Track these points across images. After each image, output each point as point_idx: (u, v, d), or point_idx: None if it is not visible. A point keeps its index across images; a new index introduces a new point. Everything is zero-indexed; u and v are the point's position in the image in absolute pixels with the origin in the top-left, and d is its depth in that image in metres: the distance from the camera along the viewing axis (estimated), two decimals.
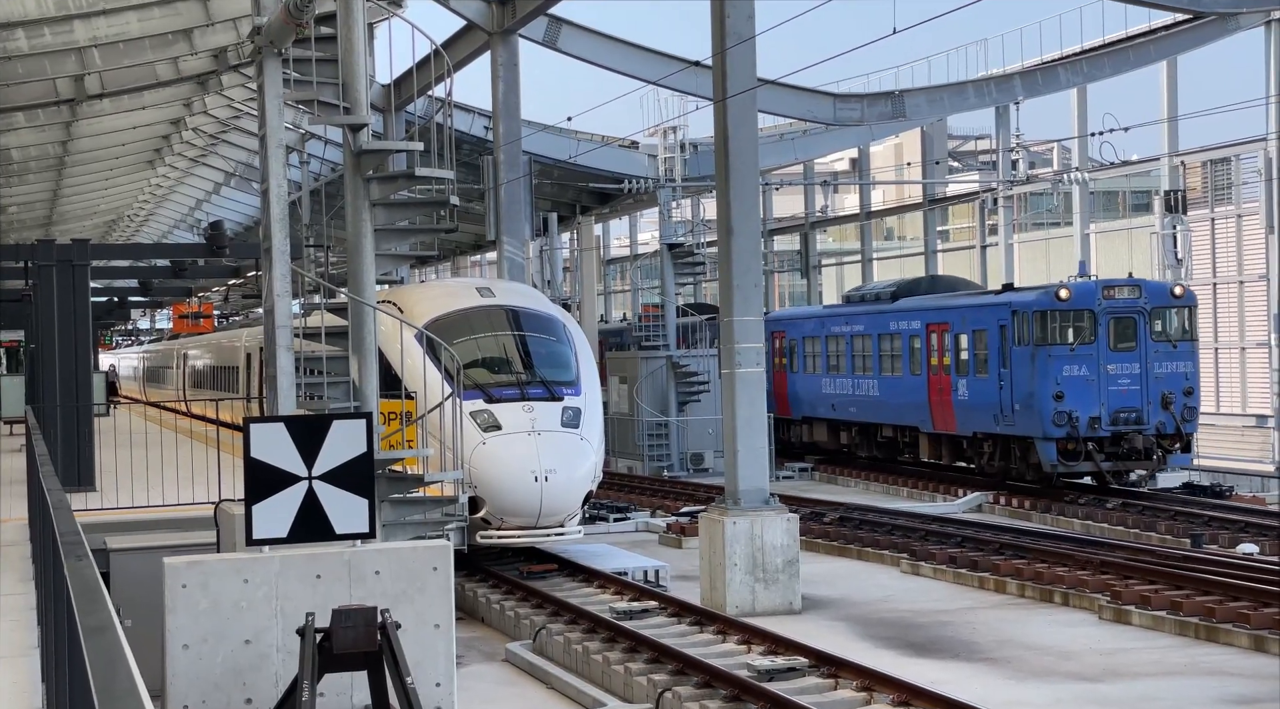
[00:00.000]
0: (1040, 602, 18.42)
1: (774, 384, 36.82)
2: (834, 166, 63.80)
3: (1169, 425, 26.86)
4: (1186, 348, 27.42)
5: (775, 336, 37.79)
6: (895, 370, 32.32)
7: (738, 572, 17.83)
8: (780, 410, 37.19)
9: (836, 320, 35.27)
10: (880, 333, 33.00)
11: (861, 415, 34.13)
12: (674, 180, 36.53)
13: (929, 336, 30.93)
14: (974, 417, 29.10)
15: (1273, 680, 13.75)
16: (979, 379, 28.79)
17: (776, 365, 37.70)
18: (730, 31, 18.43)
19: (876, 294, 34.64)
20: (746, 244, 18.57)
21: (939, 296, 32.13)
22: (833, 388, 35.17)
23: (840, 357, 34.88)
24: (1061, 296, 27.06)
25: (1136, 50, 36.83)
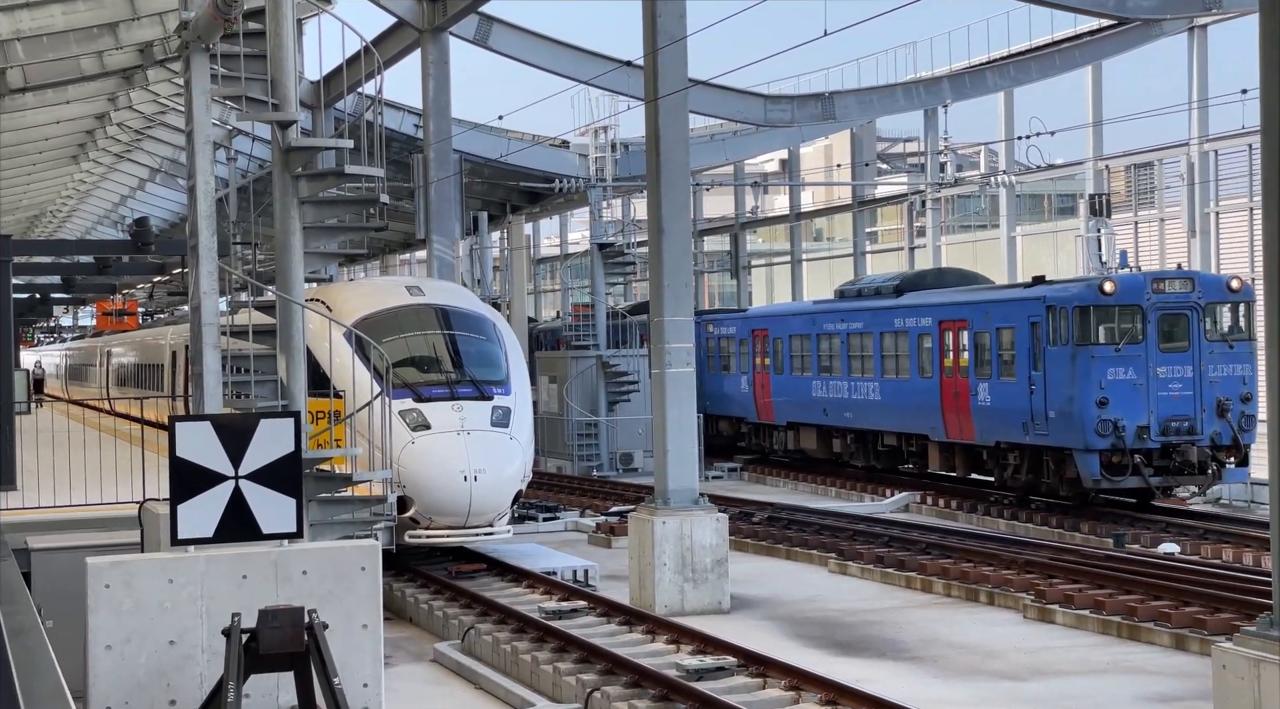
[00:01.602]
0: (966, 601, 18.60)
1: (755, 387, 35.54)
2: (764, 167, 64.06)
3: (1225, 435, 23.94)
4: (1244, 348, 24.43)
5: (757, 335, 35.75)
6: (901, 372, 29.47)
7: (667, 571, 17.86)
8: (763, 415, 35.35)
9: (830, 317, 32.49)
10: (883, 331, 30.15)
11: (859, 421, 31.32)
12: (605, 180, 36.52)
13: (942, 335, 28.08)
14: (997, 424, 26.17)
15: (1193, 679, 13.95)
16: (1004, 383, 25.89)
17: (758, 367, 35.64)
18: (662, 32, 18.45)
19: (877, 288, 31.76)
20: (677, 244, 18.61)
21: (953, 291, 29.21)
22: (825, 391, 32.45)
23: (834, 357, 32.17)
24: (1106, 290, 24.07)
25: (1062, 55, 37.26)
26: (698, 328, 38.40)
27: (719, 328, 37.77)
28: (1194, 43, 34.51)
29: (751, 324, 36.19)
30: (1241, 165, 33.59)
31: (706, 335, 37.83)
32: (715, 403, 37.36)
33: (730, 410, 37.08)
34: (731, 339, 37.00)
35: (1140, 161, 37.65)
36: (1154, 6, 28.16)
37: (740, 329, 36.60)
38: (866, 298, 31.68)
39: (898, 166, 61.92)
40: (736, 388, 36.50)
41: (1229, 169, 34.47)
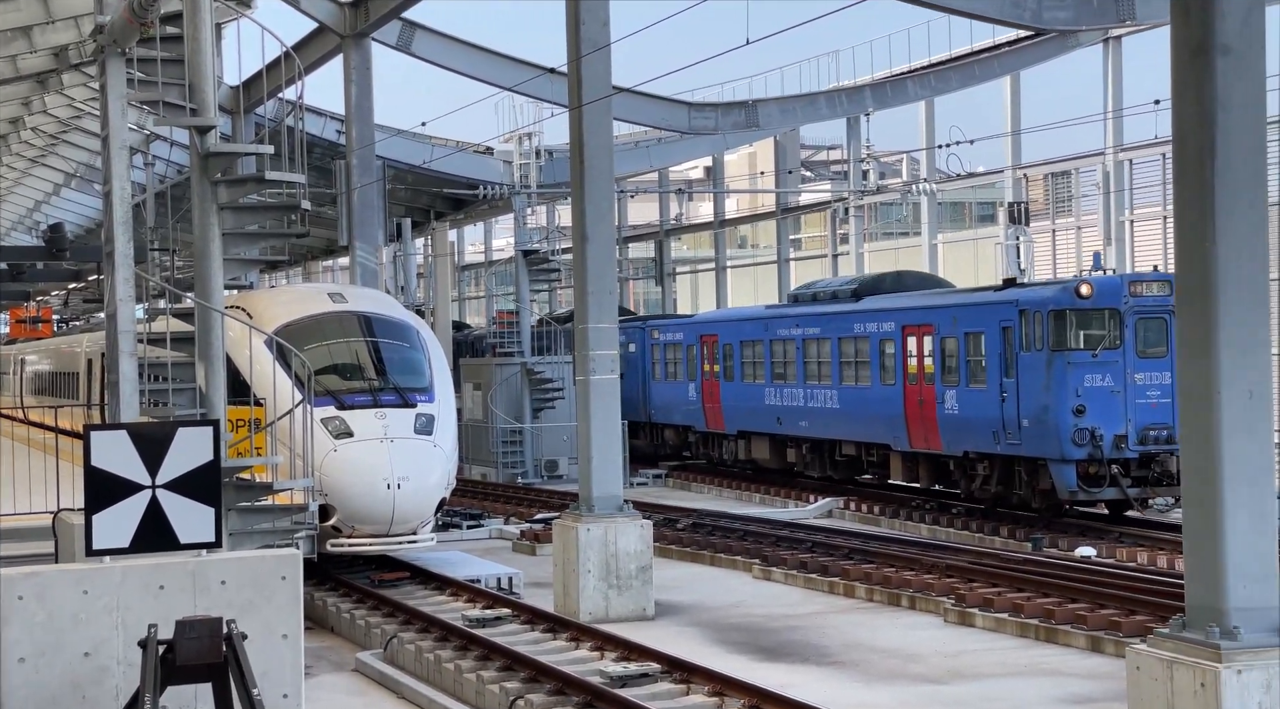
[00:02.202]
0: (888, 605, 18.74)
1: (704, 395, 34.54)
2: (689, 174, 64.23)
3: None
4: None
5: (705, 341, 34.64)
6: (861, 379, 28.34)
7: (591, 578, 17.85)
8: (712, 424, 34.32)
9: (784, 322, 31.24)
10: (842, 336, 29.02)
11: (815, 430, 30.18)
12: (529, 187, 36.49)
13: (906, 340, 26.97)
14: (966, 434, 25.19)
15: (1108, 680, 14.15)
16: (973, 390, 24.87)
17: (707, 374, 34.50)
18: (585, 39, 18.47)
19: (834, 292, 30.61)
20: (601, 251, 18.62)
21: (916, 294, 28.18)
22: (779, 399, 31.29)
23: (789, 364, 30.92)
24: (1083, 293, 23.14)
25: (982, 65, 37.72)
26: (642, 334, 37.72)
27: (665, 334, 36.91)
28: (1109, 54, 35.06)
29: (700, 330, 35.25)
30: (1155, 174, 34.15)
31: (652, 342, 37.30)
32: (661, 411, 36.93)
33: (677, 419, 36.32)
34: (678, 345, 36.09)
35: (1058, 170, 38.18)
36: (1070, 18, 28.58)
37: (688, 335, 35.72)
38: (823, 302, 30.69)
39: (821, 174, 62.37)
40: (684, 395, 35.62)
41: (1143, 178, 35.04)
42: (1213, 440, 9.91)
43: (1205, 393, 9.96)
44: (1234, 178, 9.88)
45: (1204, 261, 9.95)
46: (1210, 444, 9.93)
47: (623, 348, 37.84)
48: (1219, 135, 9.86)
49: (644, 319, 40.40)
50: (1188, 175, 10.10)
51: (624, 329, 38.55)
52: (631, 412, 37.61)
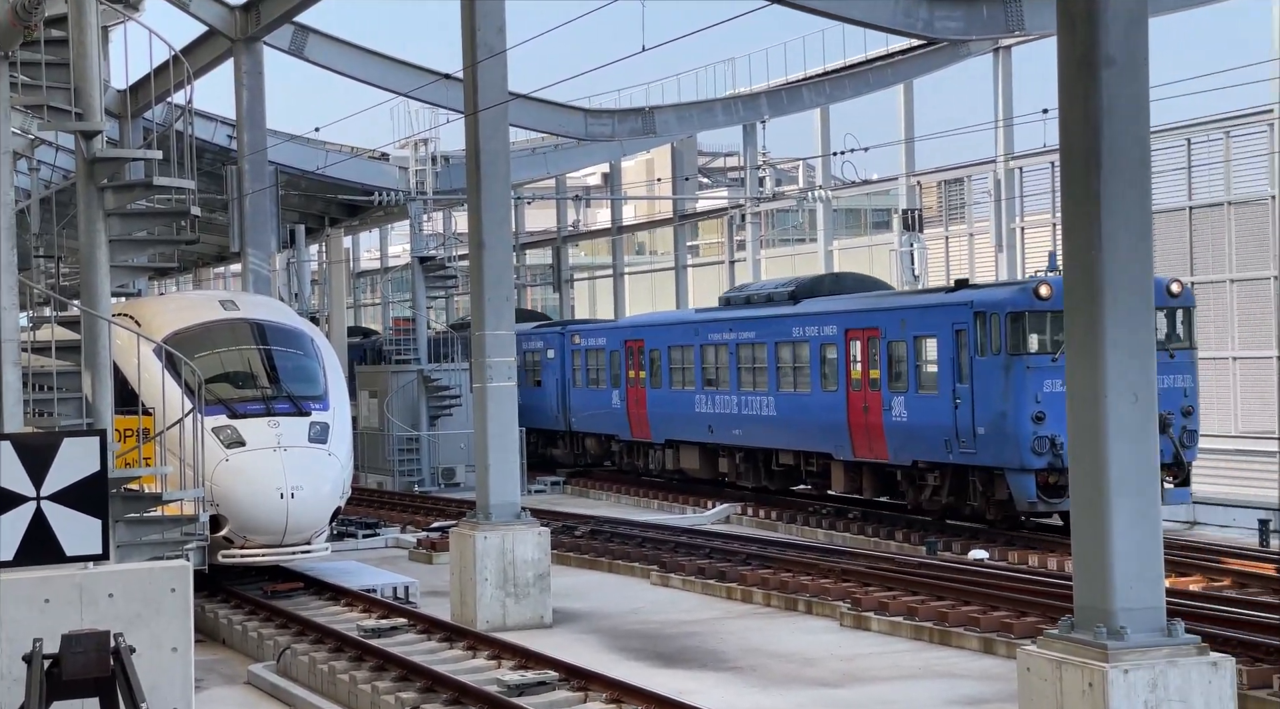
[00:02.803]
0: (785, 610, 18.85)
1: (629, 403, 33.32)
2: (586, 181, 64.30)
3: (1166, 452, 21.25)
4: (1185, 358, 22.51)
5: (630, 347, 33.45)
6: (800, 386, 27.22)
7: (488, 586, 17.76)
8: (637, 433, 33.21)
9: (716, 327, 30.00)
10: (779, 340, 27.85)
11: (749, 439, 28.95)
12: (425, 193, 36.29)
13: (849, 344, 25.82)
14: (915, 442, 24.12)
15: (1000, 681, 14.34)
16: (923, 397, 23.79)
17: (632, 380, 33.14)
18: (481, 44, 18.40)
19: (769, 295, 29.30)
20: (498, 258, 18.56)
21: (860, 296, 27.06)
22: (710, 406, 30.00)
23: (721, 370, 29.69)
24: (1042, 294, 21.89)
25: (875, 73, 38.13)
26: (561, 339, 36.81)
27: (587, 339, 35.81)
28: (999, 63, 35.62)
29: (624, 335, 34.05)
30: (1044, 182, 34.75)
31: (572, 347, 36.30)
32: (582, 419, 35.93)
33: (599, 427, 35.25)
34: (601, 351, 34.95)
35: (950, 178, 38.71)
36: (960, 28, 28.96)
37: (611, 340, 34.60)
38: (757, 305, 29.42)
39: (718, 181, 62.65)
40: (607, 403, 34.51)
41: (1033, 186, 35.65)
42: (1099, 443, 10.08)
43: (1092, 396, 10.14)
44: (1119, 185, 10.07)
45: (1090, 267, 10.12)
46: (1097, 447, 10.10)
47: (540, 354, 37.35)
48: (1104, 144, 10.04)
49: (563, 324, 39.43)
50: (1075, 183, 10.28)
51: (542, 335, 37.75)
52: (550, 420, 37.05)
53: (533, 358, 37.99)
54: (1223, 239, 30.54)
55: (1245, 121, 30.28)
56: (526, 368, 37.77)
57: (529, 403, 38.23)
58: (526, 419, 38.32)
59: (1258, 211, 30.16)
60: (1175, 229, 31.18)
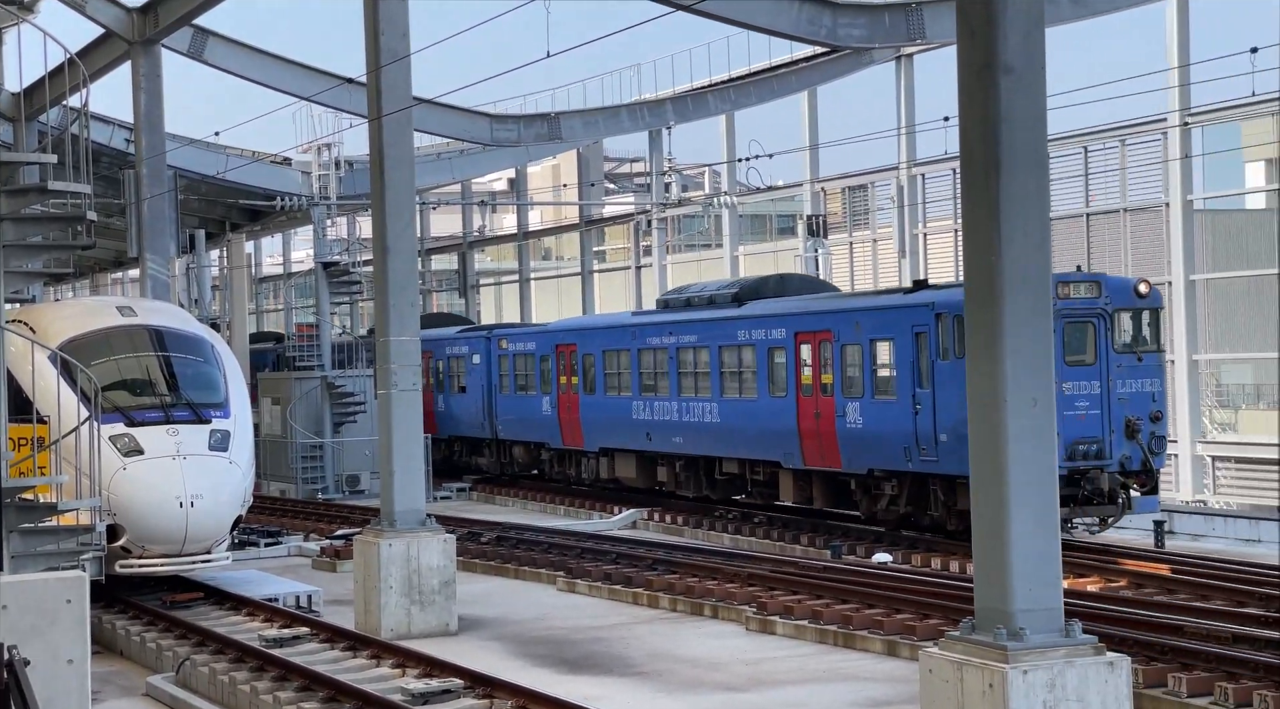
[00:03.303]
0: (691, 615, 18.89)
1: (560, 410, 32.13)
2: (492, 186, 64.09)
3: (1135, 460, 20.98)
4: (1153, 361, 21.56)
5: (562, 352, 32.23)
6: (746, 391, 26.12)
7: (393, 594, 17.63)
8: (569, 440, 31.94)
9: (655, 331, 28.87)
10: (723, 345, 26.77)
11: (691, 447, 27.91)
12: (329, 198, 35.97)
13: (799, 348, 24.83)
14: (870, 450, 23.19)
15: (903, 683, 14.46)
16: (880, 402, 22.85)
17: (564, 387, 31.99)
18: (385, 49, 18.27)
19: (710, 297, 28.19)
20: (403, 263, 18.44)
21: (810, 298, 26.05)
22: (649, 413, 28.87)
23: (661, 375, 28.57)
24: None
25: (780, 80, 38.40)
26: (487, 344, 35.66)
27: (515, 344, 34.63)
28: (901, 71, 36.04)
29: (556, 339, 32.72)
30: (946, 188, 35.20)
31: (499, 352, 35.14)
32: (510, 427, 34.77)
33: (528, 435, 34.08)
34: (530, 356, 33.70)
35: (854, 184, 39.09)
36: (864, 36, 29.25)
37: (541, 345, 33.33)
38: (699, 308, 28.22)
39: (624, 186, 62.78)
40: (536, 410, 33.19)
41: (935, 192, 36.10)
42: (999, 446, 10.21)
43: (993, 400, 10.26)
44: (1018, 192, 10.21)
45: (990, 273, 10.25)
46: (997, 450, 10.23)
47: (465, 359, 36.44)
48: (1003, 151, 10.18)
49: (489, 328, 38.16)
50: (975, 189, 10.40)
51: (467, 339, 36.79)
52: (475, 427, 36.00)
53: (457, 363, 36.95)
54: (1119, 245, 31.11)
55: (1140, 130, 30.88)
56: (450, 374, 37.02)
57: (453, 410, 37.13)
58: (450, 427, 37.39)
59: (1153, 218, 30.77)
60: (1073, 235, 31.70)
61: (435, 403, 37.33)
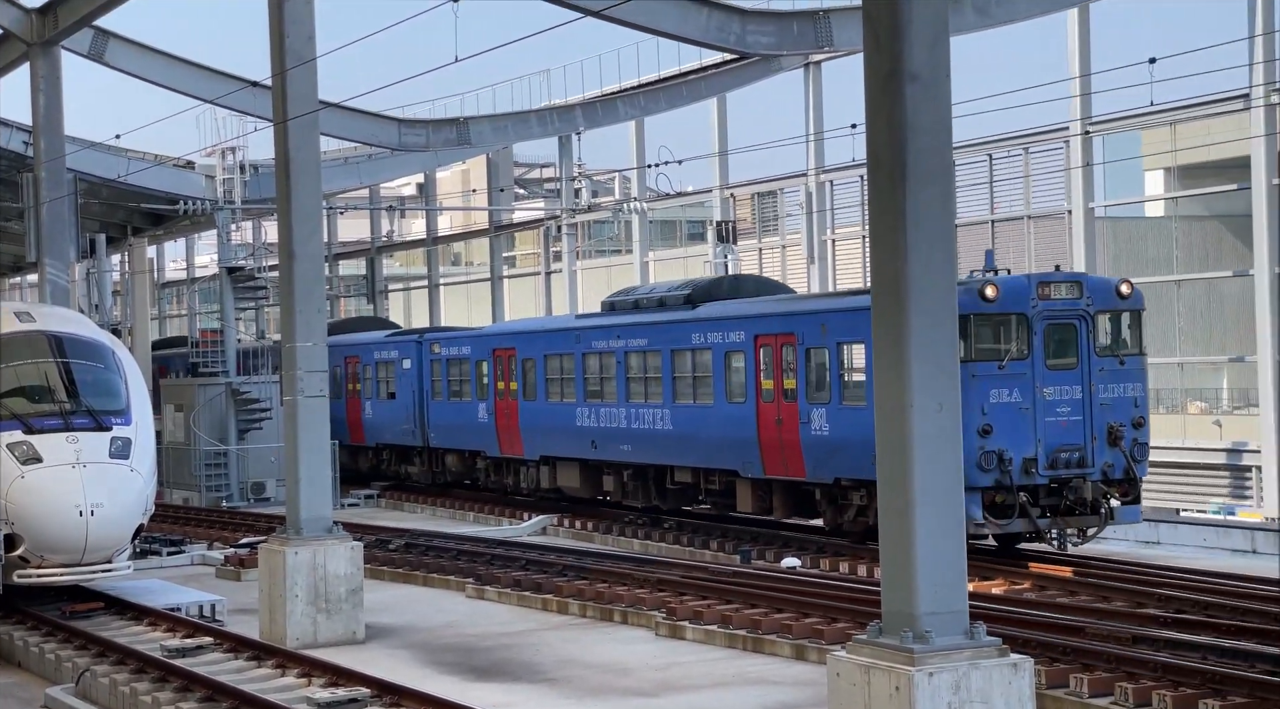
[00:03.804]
0: (601, 620, 18.86)
1: (497, 416, 30.96)
2: (400, 191, 63.68)
3: (1117, 467, 20.37)
4: (1135, 364, 20.92)
5: (499, 356, 31.06)
6: (702, 397, 25.11)
7: (299, 603, 17.43)
8: (507, 449, 30.71)
9: (601, 334, 27.72)
10: (676, 348, 25.72)
11: (640, 455, 26.77)
12: (233, 202, 35.53)
13: (759, 352, 23.77)
14: (837, 458, 22.22)
15: (812, 687, 14.52)
16: (849, 408, 21.89)
17: (501, 392, 30.78)
18: (290, 52, 18.07)
19: (660, 299, 26.99)
20: (309, 269, 18.26)
21: (770, 300, 25.02)
22: (594, 420, 27.74)
23: (608, 380, 27.48)
24: (988, 296, 19.93)
25: (689, 86, 38.50)
26: (418, 348, 34.45)
27: (448, 348, 33.40)
28: (809, 78, 36.28)
29: (492, 343, 31.49)
30: (854, 195, 35.48)
31: (431, 357, 33.93)
32: (442, 434, 33.65)
33: (463, 443, 32.89)
34: (465, 361, 32.58)
35: (763, 190, 39.30)
36: (772, 43, 29.39)
37: (477, 349, 32.15)
38: (648, 310, 27.05)
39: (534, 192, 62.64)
40: (472, 417, 32.06)
41: (843, 198, 36.39)
42: (905, 451, 10.28)
43: (899, 405, 10.33)
44: (924, 199, 10.28)
45: (896, 279, 10.32)
46: (903, 455, 10.30)
47: (395, 364, 35.54)
48: (909, 158, 10.25)
49: (420, 331, 37.05)
50: (881, 196, 10.47)
51: (396, 343, 35.79)
52: (405, 435, 34.93)
53: (386, 368, 35.95)
54: (1024, 251, 31.53)
55: (1043, 138, 31.33)
56: (379, 379, 36.15)
57: (382, 417, 36.06)
58: (379, 434, 36.52)
59: (1056, 225, 31.22)
60: (978, 241, 32.09)
61: (363, 410, 36.66)
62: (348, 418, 37.14)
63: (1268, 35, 27.19)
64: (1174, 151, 30.24)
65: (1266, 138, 27.19)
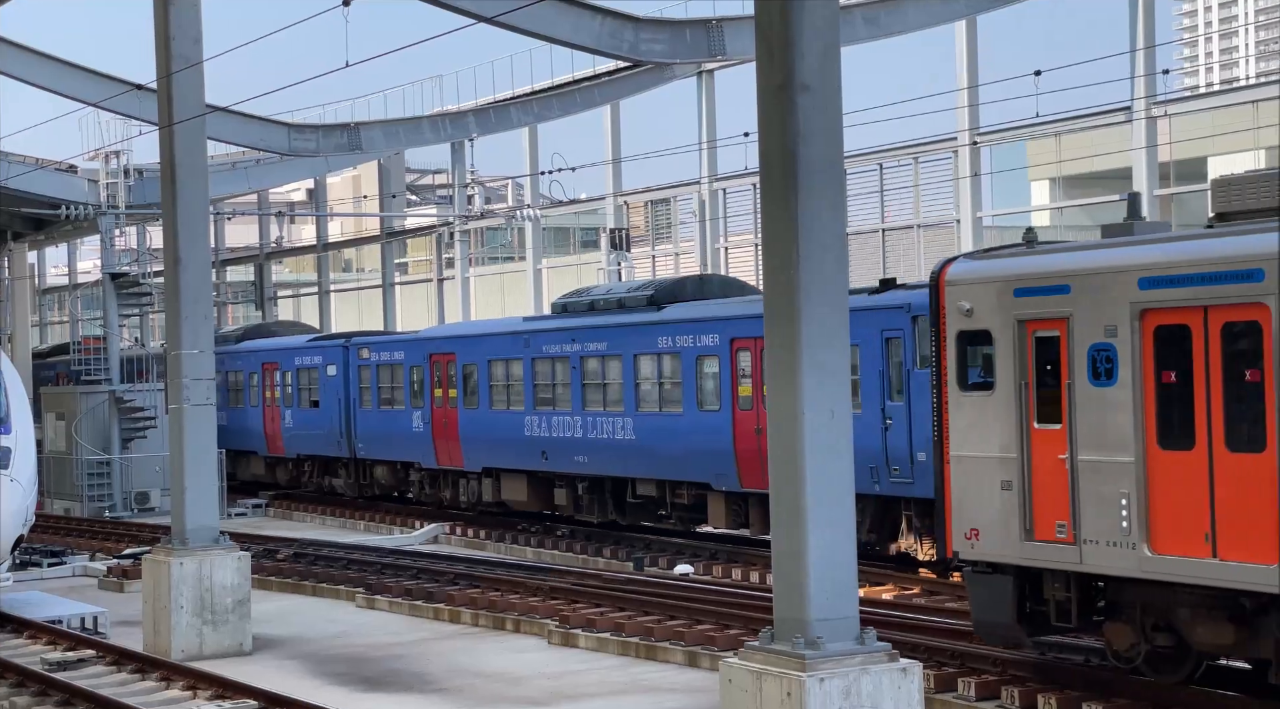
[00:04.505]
0: (494, 629, 18.76)
1: (435, 426, 29.13)
2: (290, 197, 62.96)
3: None
4: None
5: (437, 361, 29.20)
6: (669, 405, 23.74)
7: (184, 614, 17.14)
8: (445, 459, 28.97)
9: (553, 338, 26.15)
10: (640, 353, 24.33)
11: (597, 467, 25.24)
12: (117, 207, 34.89)
13: (736, 356, 22.55)
14: None
15: (705, 694, 14.56)
16: None
17: (439, 400, 28.96)
18: (176, 55, 17.81)
19: (620, 300, 25.50)
20: (196, 275, 18.00)
21: (749, 301, 23.09)
22: (545, 429, 26.14)
23: (561, 386, 25.90)
24: None
25: (583, 93, 38.51)
26: (344, 353, 32.57)
27: (379, 353, 31.53)
28: (702, 86, 36.45)
29: (429, 348, 29.62)
30: (747, 203, 35.72)
31: (359, 362, 32.10)
32: (371, 445, 31.88)
33: (394, 454, 31.15)
34: (398, 366, 30.69)
35: (657, 198, 39.40)
36: (665, 50, 29.49)
37: (412, 354, 30.24)
38: (606, 312, 25.54)
39: (427, 198, 62.27)
40: (405, 426, 30.22)
41: (736, 207, 36.61)
42: (797, 459, 10.34)
43: (791, 413, 10.39)
44: (815, 207, 10.36)
45: (789, 287, 10.38)
46: (795, 462, 10.36)
47: (318, 370, 33.71)
48: (801, 167, 10.33)
49: (347, 335, 34.93)
50: (774, 204, 10.54)
51: (320, 348, 33.81)
52: (330, 446, 33.25)
53: (308, 375, 33.97)
54: (914, 259, 31.93)
55: (932, 148, 31.77)
56: (300, 387, 34.20)
57: (303, 426, 34.00)
58: (300, 445, 34.51)
59: (945, 234, 31.67)
60: (869, 250, 32.45)
61: (282, 419, 34.87)
62: (265, 428, 35.56)
63: (1148, 49, 27.83)
64: (1059, 162, 30.83)
65: (1147, 150, 27.82)
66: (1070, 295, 12.67)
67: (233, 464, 35.85)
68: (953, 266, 13.83)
